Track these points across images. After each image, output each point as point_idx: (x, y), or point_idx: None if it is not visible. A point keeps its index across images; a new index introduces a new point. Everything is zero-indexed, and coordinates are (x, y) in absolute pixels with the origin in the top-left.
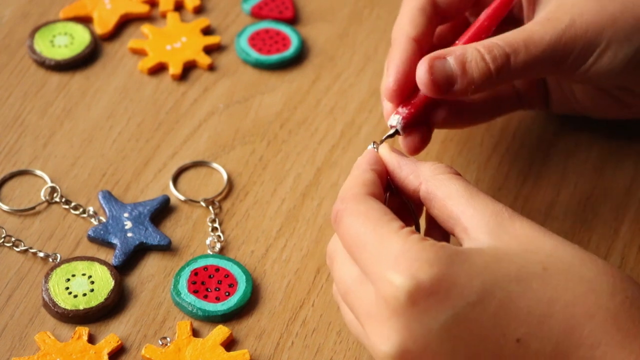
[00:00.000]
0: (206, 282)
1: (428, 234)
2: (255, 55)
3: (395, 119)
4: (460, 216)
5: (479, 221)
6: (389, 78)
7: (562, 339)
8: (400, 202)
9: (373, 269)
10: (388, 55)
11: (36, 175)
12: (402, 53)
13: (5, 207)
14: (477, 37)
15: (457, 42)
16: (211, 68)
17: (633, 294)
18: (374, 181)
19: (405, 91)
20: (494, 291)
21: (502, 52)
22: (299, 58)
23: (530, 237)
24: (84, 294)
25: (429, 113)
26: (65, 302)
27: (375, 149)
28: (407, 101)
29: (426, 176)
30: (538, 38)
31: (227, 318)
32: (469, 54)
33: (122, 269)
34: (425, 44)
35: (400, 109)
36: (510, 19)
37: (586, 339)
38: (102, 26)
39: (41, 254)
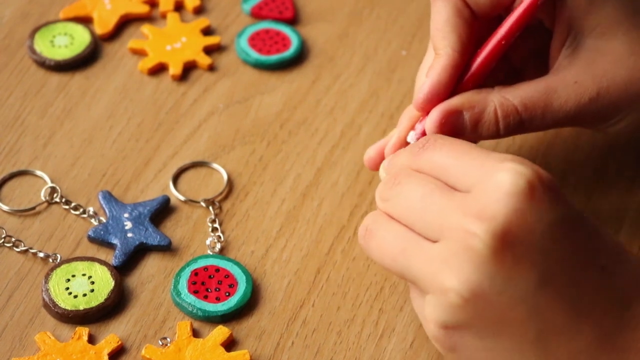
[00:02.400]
0: (206, 282)
1: None
2: (255, 55)
3: (411, 136)
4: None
5: None
6: (425, 89)
7: (634, 286)
8: None
9: (482, 166)
10: (427, 61)
11: (36, 176)
12: (444, 68)
13: (5, 208)
14: (493, 56)
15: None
16: (211, 68)
17: None
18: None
19: (436, 104)
20: (586, 219)
21: (517, 120)
22: (299, 58)
23: None
24: (84, 294)
25: None
26: (66, 303)
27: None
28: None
29: None
30: (558, 106)
31: (227, 318)
32: (486, 116)
33: (122, 270)
34: (466, 54)
35: (418, 125)
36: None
37: None
38: (102, 26)
39: (41, 254)
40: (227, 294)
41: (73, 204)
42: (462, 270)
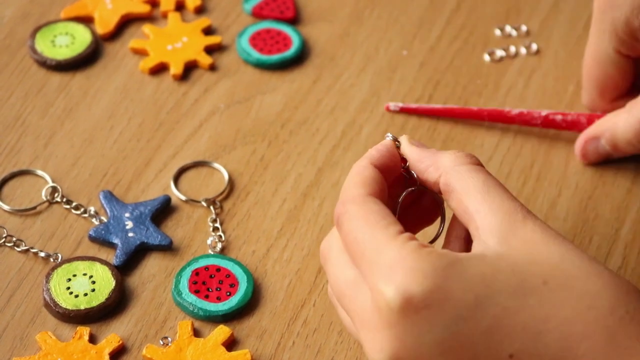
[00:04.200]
0: (207, 282)
1: (452, 225)
2: (256, 55)
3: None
4: (474, 214)
5: (490, 221)
6: None
7: (557, 356)
8: (423, 193)
9: (369, 277)
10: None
11: (37, 175)
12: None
13: (6, 207)
14: None
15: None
16: (212, 68)
17: (635, 308)
18: (375, 178)
19: None
20: (488, 306)
21: None
22: (300, 58)
23: (539, 243)
24: (85, 294)
25: None
26: (67, 302)
27: (395, 142)
28: None
29: (446, 167)
30: None
31: (228, 318)
32: (620, 136)
33: (123, 269)
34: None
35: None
36: None
37: (581, 357)
38: (103, 26)
39: (42, 254)
40: (228, 293)
41: (74, 204)
42: None
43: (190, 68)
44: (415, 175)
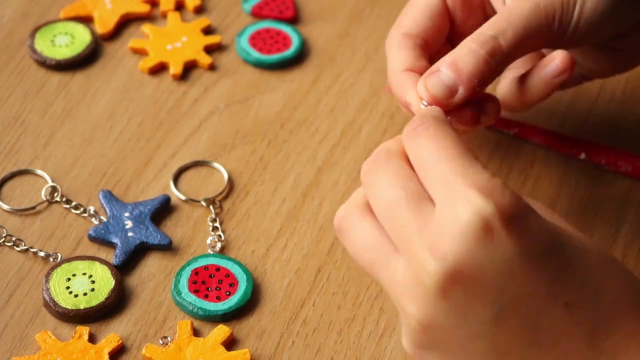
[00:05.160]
0: (207, 281)
1: None
2: (255, 54)
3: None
4: None
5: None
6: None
7: (605, 319)
8: None
9: (451, 185)
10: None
11: (37, 175)
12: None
13: (5, 207)
14: None
15: None
16: (212, 68)
17: None
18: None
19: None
20: (557, 252)
21: (489, 37)
22: (300, 58)
23: (578, 232)
24: (85, 294)
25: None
26: (66, 302)
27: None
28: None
29: None
30: (518, 12)
31: (227, 317)
32: (457, 53)
33: (123, 269)
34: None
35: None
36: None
37: (625, 325)
38: (103, 26)
39: (42, 254)
40: (228, 293)
41: (74, 203)
42: (418, 300)
43: (189, 68)
44: None
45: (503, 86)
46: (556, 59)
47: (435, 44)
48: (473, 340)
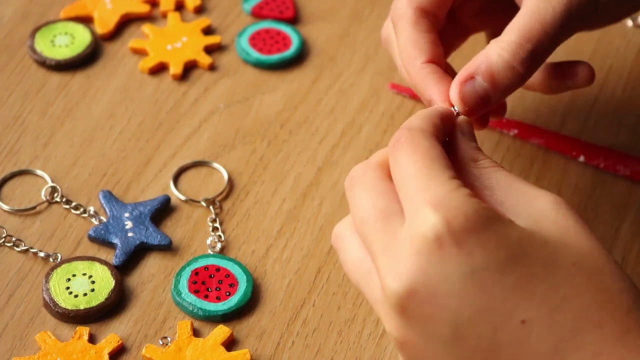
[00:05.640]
0: (207, 281)
1: None
2: (255, 55)
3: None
4: (504, 202)
5: (522, 206)
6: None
7: (566, 337)
8: None
9: (412, 202)
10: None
11: (37, 175)
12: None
13: (5, 207)
14: None
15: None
16: (212, 68)
17: None
18: (440, 128)
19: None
20: (517, 267)
21: (527, 51)
22: (300, 58)
23: (570, 230)
24: (85, 294)
25: None
26: (66, 302)
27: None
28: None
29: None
30: (550, 16)
31: (227, 318)
32: (495, 65)
33: (123, 269)
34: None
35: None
36: None
37: (589, 344)
38: (103, 26)
39: (42, 254)
40: (228, 293)
41: (73, 204)
42: (387, 318)
43: (189, 68)
44: None
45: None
46: (579, 74)
47: (443, 15)
48: (440, 356)
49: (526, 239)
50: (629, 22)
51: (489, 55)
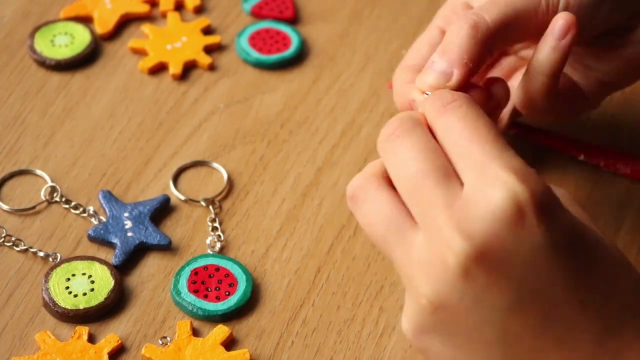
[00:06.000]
0: (206, 281)
1: None
2: (255, 55)
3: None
4: None
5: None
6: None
7: (613, 320)
8: None
9: (484, 164)
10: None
11: (36, 175)
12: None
13: (5, 207)
14: None
15: None
16: (211, 68)
17: None
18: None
19: None
20: (582, 246)
21: (472, 13)
22: (300, 58)
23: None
24: (84, 294)
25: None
26: (66, 302)
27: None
28: None
29: None
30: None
31: (227, 317)
32: (445, 40)
33: (122, 269)
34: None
35: None
36: None
37: (630, 329)
38: (103, 26)
39: (41, 254)
40: (227, 293)
41: (73, 203)
42: (434, 279)
43: (189, 68)
44: None
45: (519, 82)
46: (558, 20)
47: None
48: (482, 327)
49: (582, 224)
50: None
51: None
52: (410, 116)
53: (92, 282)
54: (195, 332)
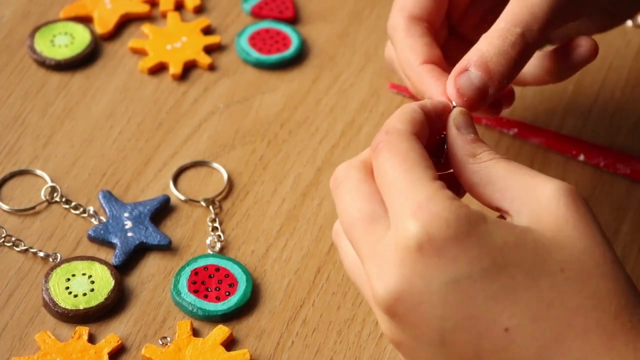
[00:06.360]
0: (206, 281)
1: None
2: (255, 55)
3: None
4: (510, 190)
5: (523, 200)
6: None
7: (550, 343)
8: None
9: (396, 209)
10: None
11: (36, 175)
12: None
13: (5, 207)
14: None
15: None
16: (211, 68)
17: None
18: (422, 122)
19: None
20: (500, 275)
21: (517, 35)
22: (299, 58)
23: (569, 224)
24: (84, 294)
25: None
26: (66, 302)
27: (451, 105)
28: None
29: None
30: (538, 1)
31: (227, 318)
32: (487, 53)
33: (122, 269)
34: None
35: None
36: None
37: (574, 351)
38: (103, 26)
39: (41, 254)
40: (227, 293)
41: (73, 204)
42: (380, 320)
43: (189, 68)
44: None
45: (528, 65)
46: (582, 46)
47: (438, 22)
48: (432, 359)
49: (512, 244)
50: (629, 22)
51: (479, 46)
52: (346, 163)
53: (92, 282)
54: (195, 332)
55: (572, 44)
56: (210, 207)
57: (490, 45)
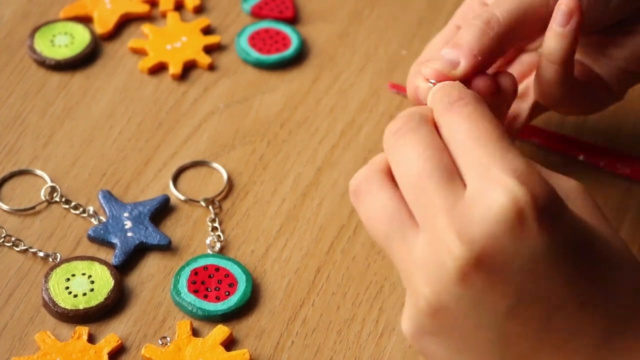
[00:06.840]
0: (206, 281)
1: None
2: (255, 54)
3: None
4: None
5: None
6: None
7: (617, 320)
8: None
9: (487, 167)
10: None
11: (36, 175)
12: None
13: (5, 207)
14: None
15: None
16: (211, 68)
17: None
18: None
19: None
20: (585, 251)
21: (483, 9)
22: (299, 58)
23: (596, 222)
24: (84, 294)
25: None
26: (65, 302)
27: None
28: None
29: None
30: None
31: (227, 318)
32: (458, 34)
33: (122, 269)
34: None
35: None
36: None
37: (638, 327)
38: (103, 26)
39: (41, 254)
40: (227, 293)
41: (73, 204)
42: (433, 282)
43: (189, 68)
44: None
45: (534, 76)
46: (560, 6)
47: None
48: (479, 330)
49: (588, 228)
50: None
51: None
52: (417, 112)
53: (92, 282)
54: (195, 332)
55: (552, 17)
56: (210, 207)
57: (461, 29)
